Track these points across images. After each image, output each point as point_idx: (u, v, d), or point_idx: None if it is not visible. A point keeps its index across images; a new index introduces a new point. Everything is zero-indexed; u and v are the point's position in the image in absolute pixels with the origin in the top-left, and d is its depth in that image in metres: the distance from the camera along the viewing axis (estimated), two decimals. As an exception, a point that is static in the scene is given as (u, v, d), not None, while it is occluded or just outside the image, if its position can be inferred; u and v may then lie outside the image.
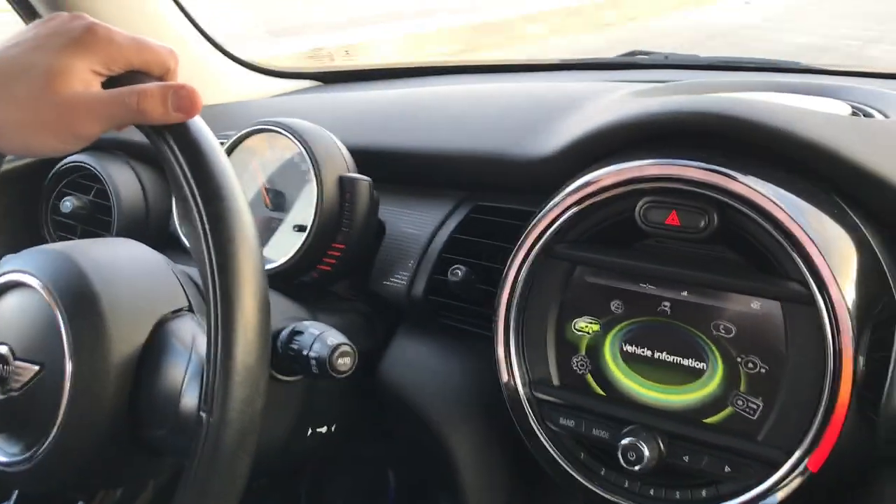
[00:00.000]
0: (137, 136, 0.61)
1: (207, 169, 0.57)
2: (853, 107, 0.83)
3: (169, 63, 0.60)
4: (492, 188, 0.91)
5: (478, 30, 5.61)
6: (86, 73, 0.57)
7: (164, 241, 1.08)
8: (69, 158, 1.15)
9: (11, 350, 0.69)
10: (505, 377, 0.75)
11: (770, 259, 0.65)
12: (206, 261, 0.56)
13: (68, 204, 1.11)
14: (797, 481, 0.63)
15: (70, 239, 1.15)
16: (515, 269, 0.75)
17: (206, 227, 0.56)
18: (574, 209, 0.72)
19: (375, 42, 5.00)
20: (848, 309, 0.61)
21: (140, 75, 0.59)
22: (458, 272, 0.85)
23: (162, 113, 0.57)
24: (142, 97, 0.57)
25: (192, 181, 0.57)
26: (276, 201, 0.95)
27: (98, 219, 1.12)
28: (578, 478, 0.72)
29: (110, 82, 0.58)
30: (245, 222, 0.57)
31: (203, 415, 0.56)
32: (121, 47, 0.58)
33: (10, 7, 1.10)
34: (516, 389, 0.75)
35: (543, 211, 0.74)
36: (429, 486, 1.20)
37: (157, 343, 0.68)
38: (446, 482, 0.86)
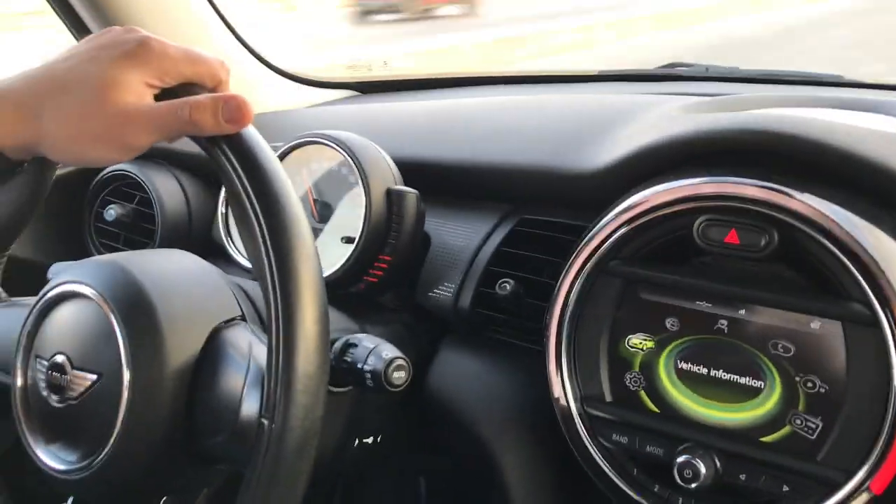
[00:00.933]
0: (180, 146, 0.61)
1: (265, 179, 0.58)
2: None
3: (221, 75, 0.61)
4: (538, 201, 0.91)
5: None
6: (139, 86, 0.58)
7: (206, 249, 1.09)
8: (112, 167, 1.16)
9: (69, 359, 0.69)
10: (556, 392, 0.75)
11: (831, 278, 0.64)
12: (267, 271, 0.57)
13: (112, 212, 1.12)
14: (858, 503, 0.63)
15: (113, 246, 1.16)
16: (568, 284, 0.75)
17: (267, 237, 0.57)
18: (629, 226, 0.72)
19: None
20: None
21: (193, 87, 0.60)
22: (507, 286, 0.85)
23: (213, 124, 0.58)
24: (194, 108, 0.57)
25: (250, 192, 0.58)
26: (322, 212, 0.95)
27: (141, 227, 1.13)
28: (632, 494, 0.72)
29: (163, 94, 0.59)
30: (304, 233, 0.58)
31: (265, 422, 0.57)
32: (174, 60, 0.59)
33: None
34: (568, 405, 0.75)
35: (597, 227, 0.74)
36: (460, 495, 1.20)
37: (213, 352, 0.69)
38: (487, 493, 0.86)
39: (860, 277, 0.62)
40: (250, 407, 0.65)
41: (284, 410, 0.56)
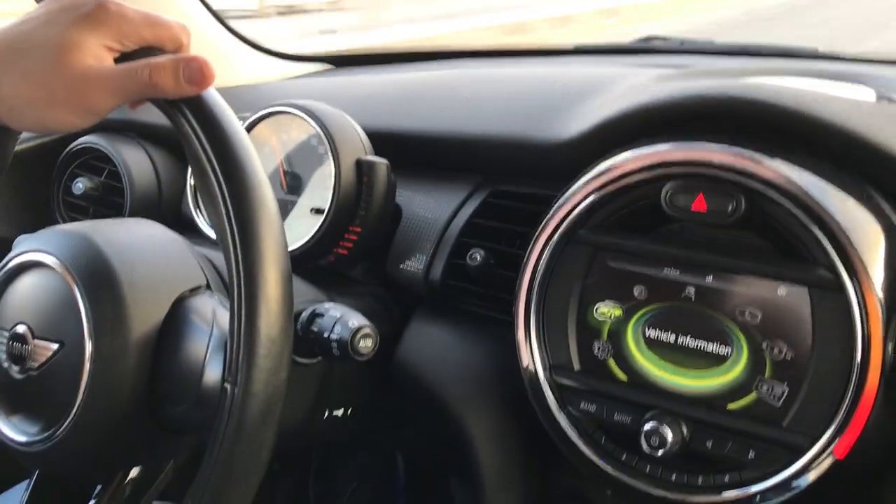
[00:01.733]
0: (149, 117, 0.60)
1: (227, 143, 0.57)
2: (877, 92, 0.82)
3: (181, 38, 0.60)
4: (510, 172, 0.91)
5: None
6: (98, 49, 0.57)
7: (176, 222, 1.08)
8: (81, 140, 1.14)
9: (30, 329, 0.68)
10: (525, 362, 0.75)
11: (798, 245, 0.64)
12: (229, 234, 0.56)
13: (80, 185, 1.11)
14: (823, 467, 0.63)
15: (82, 220, 1.15)
16: (537, 253, 0.74)
17: (228, 201, 0.56)
18: (597, 194, 0.72)
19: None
20: (877, 295, 0.61)
21: (153, 50, 0.59)
22: (477, 256, 0.84)
23: (174, 86, 0.57)
24: (153, 70, 0.57)
25: (211, 155, 0.57)
26: (292, 184, 0.94)
27: (110, 200, 1.12)
28: (599, 462, 0.72)
29: (123, 58, 0.58)
30: (266, 197, 0.57)
31: (227, 386, 0.56)
32: (133, 23, 0.58)
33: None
34: (536, 374, 0.74)
35: (566, 195, 0.74)
36: (438, 470, 1.20)
37: (176, 320, 0.68)
38: (462, 466, 0.86)
39: (826, 243, 0.62)
40: (213, 373, 0.65)
41: (247, 374, 0.55)
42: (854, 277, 0.61)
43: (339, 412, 0.86)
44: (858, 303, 0.61)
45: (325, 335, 0.70)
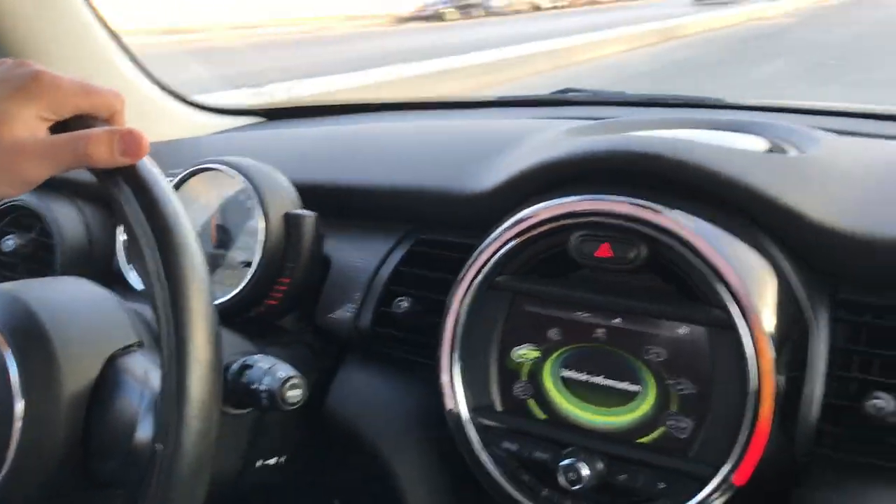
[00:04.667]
0: (80, 175, 0.62)
1: (158, 211, 0.59)
2: (771, 142, 0.89)
3: (115, 106, 0.61)
4: (433, 222, 0.95)
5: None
6: (32, 120, 0.58)
7: (108, 278, 1.09)
8: (10, 198, 1.15)
9: None
10: (449, 404, 0.78)
11: (695, 287, 0.69)
12: (159, 299, 0.58)
13: (10, 243, 1.11)
14: (725, 495, 0.67)
15: (12, 277, 1.14)
16: (458, 299, 0.78)
17: (158, 266, 0.58)
18: (512, 242, 0.76)
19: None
20: (767, 333, 0.66)
21: (87, 119, 0.60)
22: (404, 304, 0.88)
23: (108, 157, 0.58)
24: (88, 142, 0.58)
25: (143, 222, 0.59)
26: (221, 237, 0.97)
27: (41, 256, 1.12)
28: (521, 499, 0.75)
29: (57, 127, 0.59)
30: (197, 262, 0.59)
31: (158, 447, 0.58)
32: (66, 93, 0.59)
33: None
34: (460, 415, 0.78)
35: (484, 244, 0.78)
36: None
37: (108, 379, 0.69)
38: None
39: (719, 285, 0.67)
40: (144, 432, 0.66)
41: (177, 435, 0.57)
42: (745, 317, 0.66)
43: (272, 461, 0.87)
44: (750, 340, 0.66)
45: (254, 386, 0.72)
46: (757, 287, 0.68)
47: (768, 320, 0.67)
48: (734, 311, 0.66)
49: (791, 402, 0.68)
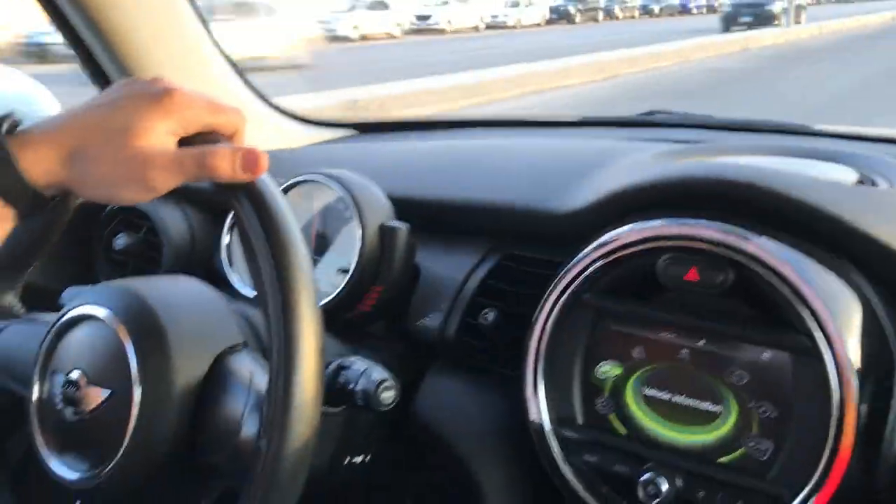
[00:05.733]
0: None
1: (276, 226, 0.63)
2: (860, 174, 0.90)
3: (238, 124, 0.66)
4: (520, 238, 0.98)
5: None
6: (164, 134, 0.63)
7: (209, 277, 1.15)
8: (122, 198, 1.22)
9: (84, 375, 0.75)
10: (532, 415, 0.81)
11: (781, 313, 0.71)
12: (272, 307, 0.62)
13: (121, 241, 1.18)
14: None
15: (121, 273, 1.22)
16: (545, 315, 0.81)
17: (273, 275, 0.63)
18: (600, 262, 0.79)
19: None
20: (851, 362, 0.67)
21: (212, 135, 0.65)
22: (489, 315, 0.91)
23: (231, 173, 0.63)
24: (213, 157, 0.62)
25: (261, 234, 0.63)
26: (319, 244, 1.02)
27: (147, 255, 1.20)
28: None
29: (185, 140, 0.64)
30: (307, 274, 0.64)
31: (262, 445, 0.62)
32: (196, 110, 0.64)
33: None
34: (542, 427, 0.81)
35: (572, 262, 0.81)
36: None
37: (217, 376, 0.74)
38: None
39: (804, 313, 0.69)
40: (250, 430, 0.71)
41: (281, 435, 0.62)
42: (830, 345, 0.68)
43: (359, 459, 0.92)
44: (834, 368, 0.67)
45: (351, 387, 0.77)
46: (842, 315, 0.69)
47: (853, 349, 0.68)
48: (819, 337, 0.68)
49: (874, 432, 0.69)
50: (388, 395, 0.76)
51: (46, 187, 0.64)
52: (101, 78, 1.18)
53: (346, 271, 0.96)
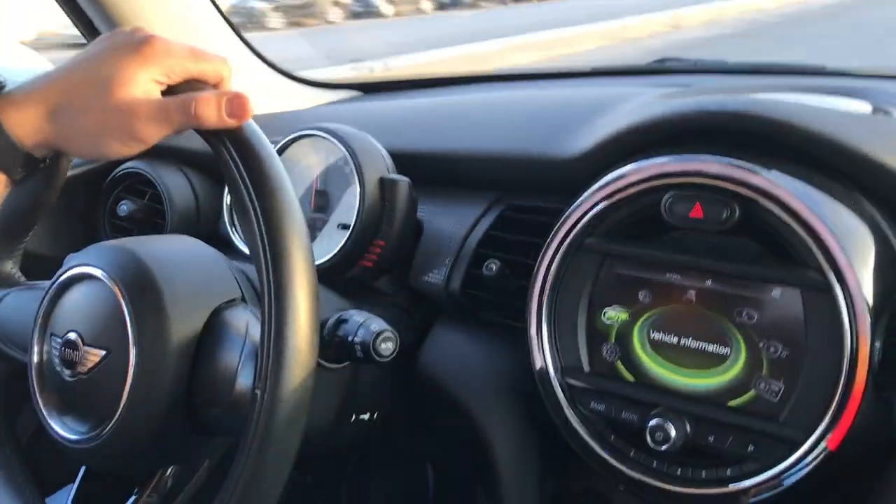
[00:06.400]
0: (188, 143, 0.66)
1: (262, 169, 0.63)
2: (875, 106, 0.86)
3: (223, 72, 0.66)
4: (524, 187, 0.96)
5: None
6: (147, 83, 0.62)
7: (213, 240, 1.14)
8: (125, 166, 1.22)
9: (80, 336, 0.74)
10: (538, 364, 0.79)
11: (790, 249, 0.68)
12: (261, 253, 0.61)
13: (125, 207, 1.18)
14: (817, 459, 0.66)
15: (126, 239, 1.22)
16: (547, 261, 0.79)
17: (261, 222, 0.61)
18: (602, 204, 0.76)
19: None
20: (864, 296, 0.64)
21: (197, 83, 0.64)
22: (493, 266, 0.89)
23: (217, 119, 0.62)
24: (198, 104, 0.62)
25: (247, 180, 0.62)
26: (320, 202, 1.00)
27: (152, 221, 1.19)
28: (609, 459, 0.76)
29: (169, 90, 0.64)
30: (296, 217, 0.63)
31: (257, 392, 0.61)
32: (178, 58, 0.63)
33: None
34: (548, 375, 0.79)
35: (573, 206, 0.78)
36: (466, 480, 1.24)
37: (212, 330, 0.73)
38: (482, 468, 0.90)
39: (814, 246, 0.66)
40: (245, 380, 0.70)
41: (275, 381, 0.61)
42: (841, 279, 0.65)
43: (366, 416, 0.91)
44: (846, 303, 0.65)
45: (349, 339, 0.75)
46: (855, 248, 0.66)
47: (866, 283, 0.65)
48: (830, 271, 0.65)
49: (890, 369, 0.66)
50: (387, 346, 0.74)
51: (35, 147, 0.64)
52: (90, 31, 1.17)
53: (347, 227, 0.94)
